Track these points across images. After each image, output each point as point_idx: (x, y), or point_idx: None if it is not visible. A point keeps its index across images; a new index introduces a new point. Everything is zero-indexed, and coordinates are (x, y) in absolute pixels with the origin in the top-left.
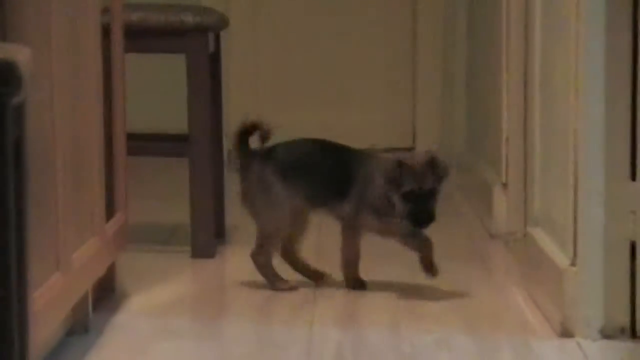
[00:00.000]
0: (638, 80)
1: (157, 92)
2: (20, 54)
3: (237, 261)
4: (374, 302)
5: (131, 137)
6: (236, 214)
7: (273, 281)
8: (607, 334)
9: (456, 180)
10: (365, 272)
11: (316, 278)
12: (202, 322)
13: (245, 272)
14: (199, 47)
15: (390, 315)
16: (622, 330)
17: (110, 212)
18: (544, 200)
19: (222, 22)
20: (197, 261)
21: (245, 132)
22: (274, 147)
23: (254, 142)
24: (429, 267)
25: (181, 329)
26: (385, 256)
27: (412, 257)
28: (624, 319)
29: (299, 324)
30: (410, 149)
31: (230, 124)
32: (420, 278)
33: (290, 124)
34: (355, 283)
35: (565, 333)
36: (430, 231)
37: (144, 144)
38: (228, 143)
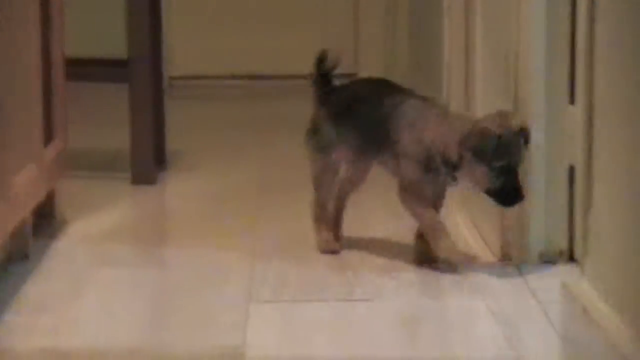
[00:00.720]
0: (577, 5)
1: (96, 16)
2: None
3: (178, 188)
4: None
5: (70, 62)
6: (177, 140)
7: (317, 234)
8: (546, 258)
9: None
10: (306, 199)
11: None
12: (142, 249)
13: (186, 198)
14: None
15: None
16: (561, 254)
17: (49, 138)
18: None
19: None
20: (138, 188)
21: (322, 67)
22: (334, 88)
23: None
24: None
25: (121, 256)
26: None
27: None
28: (562, 243)
29: (241, 250)
30: (352, 75)
31: (171, 49)
32: (364, 204)
33: (229, 48)
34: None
35: (505, 257)
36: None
37: (83, 69)
38: (168, 68)
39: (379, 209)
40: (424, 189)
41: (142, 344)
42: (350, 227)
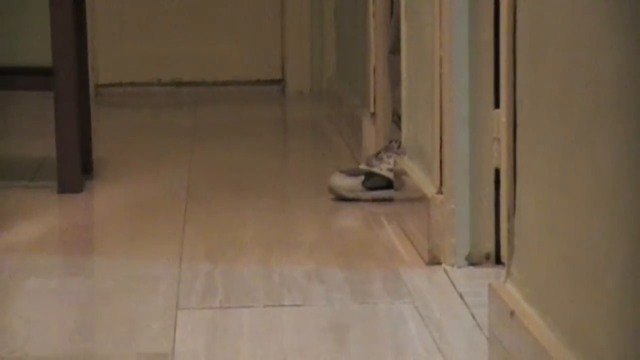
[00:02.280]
0: (501, 6)
1: (20, 24)
2: None
3: (105, 196)
4: (244, 235)
5: None
6: (104, 148)
7: None
8: (473, 261)
9: (327, 111)
10: (234, 205)
11: None
12: (69, 258)
13: (113, 206)
14: None
15: (261, 248)
16: (487, 257)
17: None
18: (412, 128)
19: None
20: (64, 196)
21: None
22: None
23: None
24: None
25: (47, 265)
26: (256, 188)
27: (284, 189)
28: (489, 246)
29: (169, 258)
30: (278, 82)
31: (96, 56)
32: (291, 209)
33: (155, 55)
34: None
35: (433, 261)
36: (299, 165)
37: (7, 78)
38: (94, 76)
39: (306, 214)
40: None
41: (69, 353)
42: (277, 232)
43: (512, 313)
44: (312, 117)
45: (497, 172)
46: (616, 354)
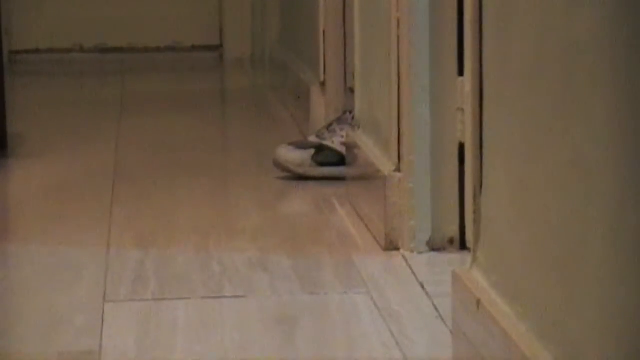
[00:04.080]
0: None
1: None
2: None
3: (21, 176)
4: (179, 219)
5: None
6: (20, 123)
7: None
8: (435, 246)
9: (271, 79)
10: (167, 185)
11: None
12: None
13: (31, 188)
14: None
15: (198, 234)
16: (451, 241)
17: None
18: (366, 99)
19: None
20: None
21: None
22: None
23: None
24: None
25: None
26: (192, 167)
27: (223, 166)
28: (452, 229)
29: (94, 245)
30: (216, 48)
31: (10, 20)
32: (232, 189)
33: (77, 18)
34: None
35: (390, 246)
36: (239, 141)
37: None
38: (8, 41)
39: (248, 195)
40: None
41: None
42: (216, 215)
43: (478, 302)
44: (254, 87)
45: (462, 147)
46: (591, 345)
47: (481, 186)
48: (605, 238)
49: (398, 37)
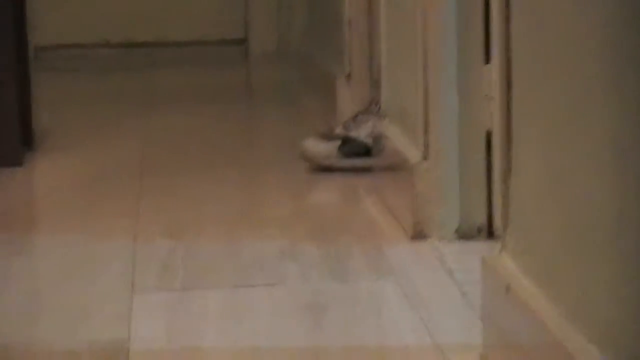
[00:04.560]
0: None
1: None
2: None
3: (48, 169)
4: (208, 211)
5: None
6: (46, 118)
7: None
8: (463, 234)
9: (297, 73)
10: (195, 177)
11: None
12: (10, 236)
13: (58, 181)
14: None
15: (227, 224)
16: (479, 230)
17: None
18: (393, 89)
19: None
20: (3, 170)
21: None
22: None
23: None
24: None
25: None
26: (219, 159)
27: (250, 158)
28: (480, 218)
29: (121, 236)
30: (242, 41)
31: (37, 14)
32: (259, 180)
33: (103, 13)
34: None
35: (419, 235)
36: (266, 133)
37: None
38: (34, 36)
39: (276, 185)
40: None
41: (13, 341)
42: (245, 206)
43: (507, 288)
44: (280, 80)
45: (489, 135)
46: (624, 328)
47: (510, 173)
48: (639, 220)
49: (424, 26)
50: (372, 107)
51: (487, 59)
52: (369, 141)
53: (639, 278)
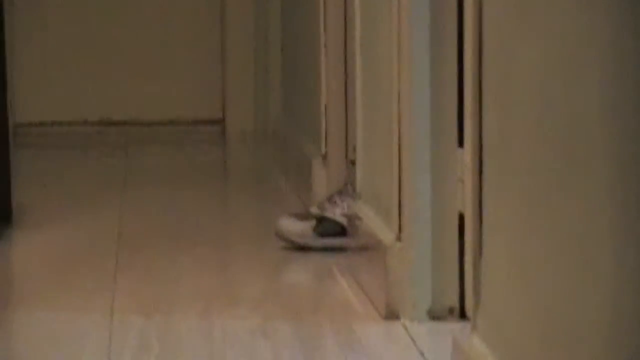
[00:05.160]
0: (464, 41)
1: None
2: None
3: (25, 246)
4: (182, 287)
5: None
6: (24, 193)
7: None
8: (435, 315)
9: (273, 153)
10: (170, 254)
11: None
12: None
13: (35, 257)
14: None
15: (201, 302)
16: (451, 311)
17: None
18: (368, 171)
19: None
20: None
21: None
22: None
23: None
24: None
25: None
26: (195, 237)
27: (225, 237)
28: (452, 299)
29: (97, 312)
30: (219, 122)
31: (16, 93)
32: (234, 259)
33: (82, 92)
34: None
35: (391, 315)
36: (241, 212)
37: None
38: (13, 114)
39: (250, 264)
40: None
41: None
42: (218, 284)
43: None
44: (256, 161)
45: (461, 217)
46: None
47: (481, 255)
48: (605, 308)
49: (399, 109)
50: (346, 187)
51: (461, 143)
52: (344, 221)
53: None
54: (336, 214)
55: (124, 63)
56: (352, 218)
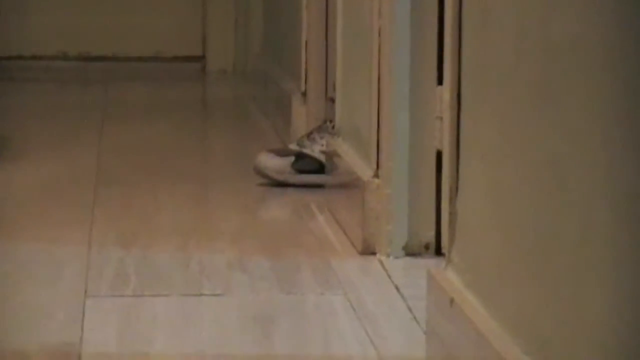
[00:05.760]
0: None
1: None
2: None
3: (4, 177)
4: (160, 221)
5: None
6: (3, 127)
7: None
8: (411, 251)
9: (253, 90)
10: (149, 189)
11: None
12: None
13: (13, 189)
14: None
15: (178, 236)
16: (427, 247)
17: None
18: (347, 108)
19: None
20: None
21: None
22: None
23: None
24: None
25: None
26: (173, 173)
27: (204, 172)
28: (428, 235)
29: (76, 243)
30: (199, 59)
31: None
32: (213, 194)
33: (61, 26)
34: None
35: (367, 250)
36: (220, 148)
37: None
38: None
39: (228, 199)
40: None
41: None
42: (197, 218)
43: (451, 301)
44: (236, 97)
45: (440, 155)
46: (562, 343)
47: (457, 190)
48: (578, 239)
49: (379, 46)
50: (325, 124)
51: (440, 81)
52: (322, 158)
53: (575, 296)
54: (315, 150)
55: None
56: (330, 155)
